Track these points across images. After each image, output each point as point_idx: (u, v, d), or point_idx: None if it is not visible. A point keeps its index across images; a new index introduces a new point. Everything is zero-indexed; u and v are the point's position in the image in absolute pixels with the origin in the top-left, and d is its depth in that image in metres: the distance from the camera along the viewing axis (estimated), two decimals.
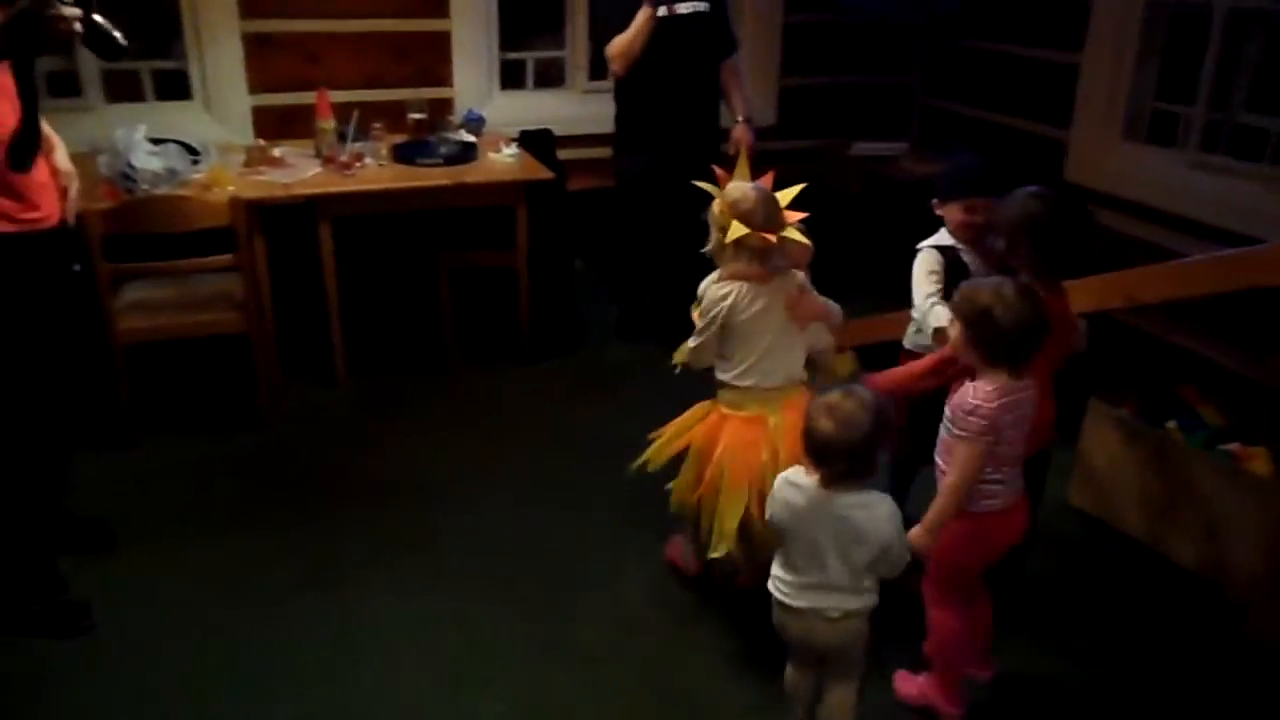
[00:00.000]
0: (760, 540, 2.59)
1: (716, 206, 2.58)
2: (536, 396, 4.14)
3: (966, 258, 2.91)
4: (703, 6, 4.15)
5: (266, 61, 4.48)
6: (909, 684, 2.59)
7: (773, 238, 2.54)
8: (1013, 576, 2.75)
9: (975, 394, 2.26)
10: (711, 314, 2.62)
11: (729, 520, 2.59)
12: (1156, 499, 3.07)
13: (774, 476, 2.53)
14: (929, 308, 2.86)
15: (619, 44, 4.08)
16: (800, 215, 2.61)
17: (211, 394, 4.04)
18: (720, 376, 2.72)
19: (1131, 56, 4.40)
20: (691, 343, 2.70)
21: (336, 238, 3.93)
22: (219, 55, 4.40)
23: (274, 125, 4.46)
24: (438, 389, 4.17)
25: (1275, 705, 2.61)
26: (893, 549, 2.15)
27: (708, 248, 2.65)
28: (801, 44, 5.41)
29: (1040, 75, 4.84)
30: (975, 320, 2.27)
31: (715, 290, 2.63)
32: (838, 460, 2.12)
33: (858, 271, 5.14)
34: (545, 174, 4.10)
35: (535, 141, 4.43)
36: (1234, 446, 3.01)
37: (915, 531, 2.27)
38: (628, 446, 2.90)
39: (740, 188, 2.57)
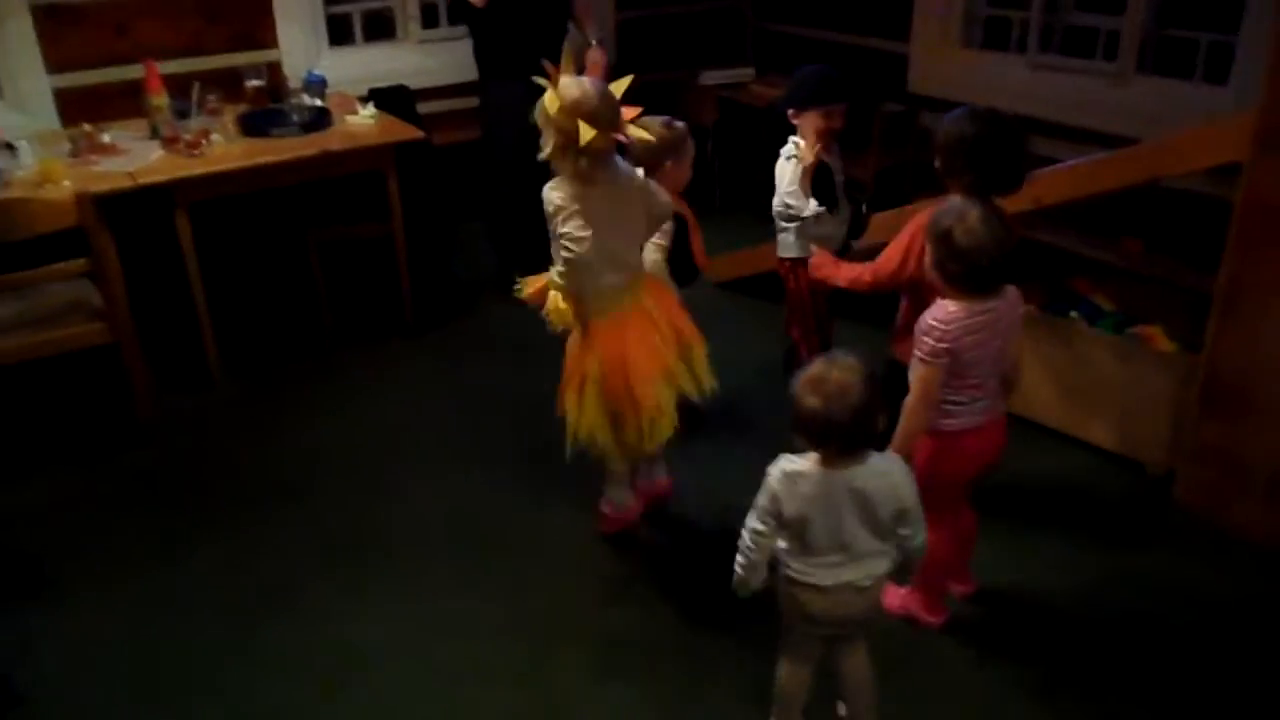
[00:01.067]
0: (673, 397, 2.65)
1: (550, 107, 2.39)
2: (430, 367, 3.94)
3: (825, 158, 3.10)
4: None
5: (65, 36, 3.98)
6: (892, 595, 2.64)
7: (621, 136, 2.43)
8: None
9: (934, 314, 2.29)
10: (565, 217, 2.45)
11: (666, 401, 2.60)
12: (1074, 389, 3.24)
13: (672, 345, 2.62)
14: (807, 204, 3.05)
15: None
16: (636, 110, 2.51)
17: (78, 416, 3.59)
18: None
19: None
20: (559, 266, 2.51)
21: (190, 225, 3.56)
22: (6, 33, 3.87)
23: (83, 107, 3.97)
24: (323, 373, 3.89)
25: (1212, 562, 2.84)
26: (911, 511, 2.00)
27: (544, 153, 2.45)
28: None
29: None
30: (937, 241, 2.28)
31: (557, 195, 2.46)
32: (835, 438, 1.92)
33: (731, 195, 5.19)
34: (414, 133, 3.84)
35: (391, 99, 4.15)
36: (1137, 329, 3.22)
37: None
38: (534, 404, 2.82)
39: (579, 84, 2.39)
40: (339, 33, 4.79)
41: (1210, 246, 3.11)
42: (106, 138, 3.59)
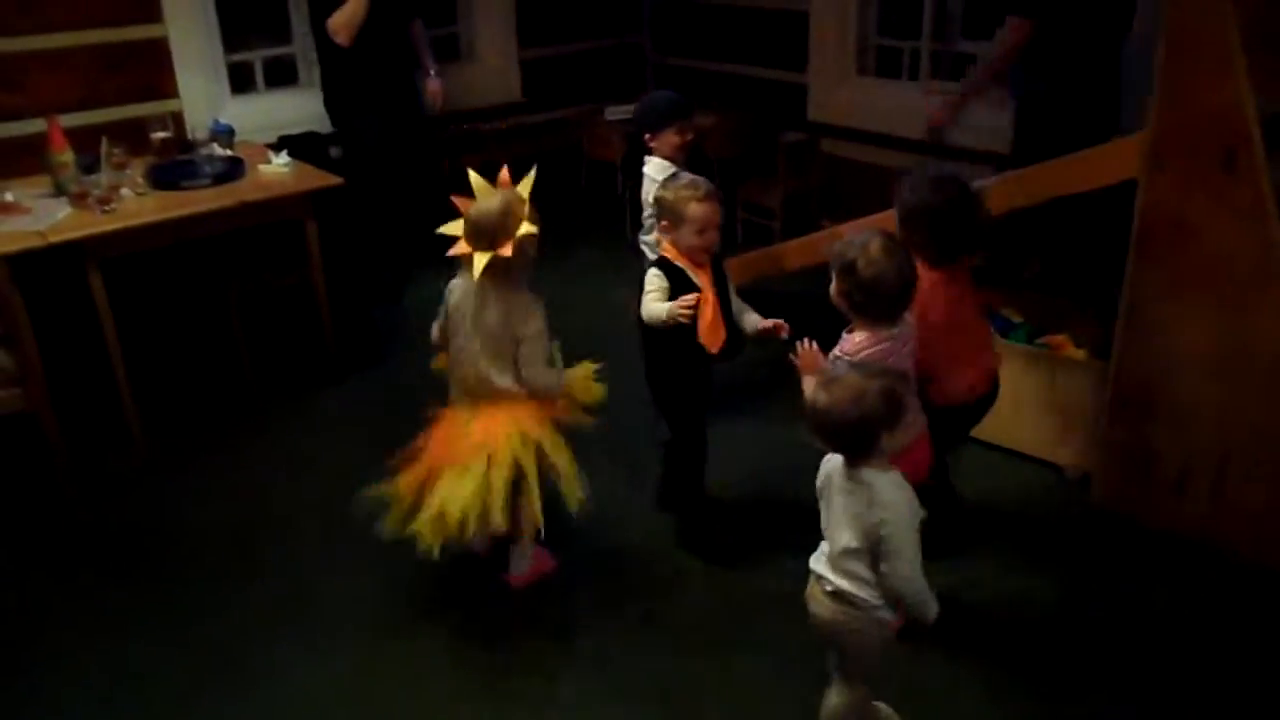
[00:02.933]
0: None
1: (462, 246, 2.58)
2: (358, 415, 3.88)
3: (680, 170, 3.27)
4: None
5: None
6: None
7: (506, 251, 2.51)
8: None
9: (842, 346, 2.40)
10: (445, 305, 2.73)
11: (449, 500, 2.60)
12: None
13: (483, 470, 2.59)
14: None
15: (344, 16, 4.11)
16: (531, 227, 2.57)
17: None
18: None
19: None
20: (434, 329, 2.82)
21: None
22: None
23: None
24: (250, 429, 3.79)
25: (1133, 554, 3.01)
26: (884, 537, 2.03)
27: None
28: (535, 16, 5.38)
29: (772, 24, 5.12)
30: (841, 273, 2.39)
31: (455, 280, 2.71)
32: (816, 434, 2.05)
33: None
34: (330, 180, 3.81)
35: (303, 146, 4.11)
36: (1047, 339, 3.40)
37: None
38: None
39: (473, 213, 2.54)
40: (240, 80, 4.73)
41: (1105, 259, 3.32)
42: (9, 196, 3.47)
